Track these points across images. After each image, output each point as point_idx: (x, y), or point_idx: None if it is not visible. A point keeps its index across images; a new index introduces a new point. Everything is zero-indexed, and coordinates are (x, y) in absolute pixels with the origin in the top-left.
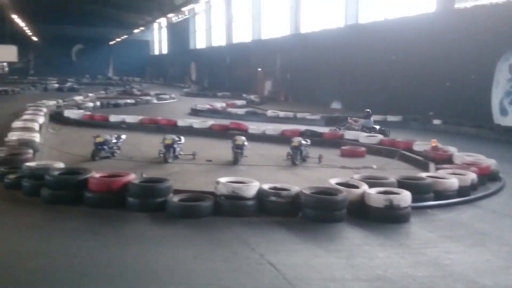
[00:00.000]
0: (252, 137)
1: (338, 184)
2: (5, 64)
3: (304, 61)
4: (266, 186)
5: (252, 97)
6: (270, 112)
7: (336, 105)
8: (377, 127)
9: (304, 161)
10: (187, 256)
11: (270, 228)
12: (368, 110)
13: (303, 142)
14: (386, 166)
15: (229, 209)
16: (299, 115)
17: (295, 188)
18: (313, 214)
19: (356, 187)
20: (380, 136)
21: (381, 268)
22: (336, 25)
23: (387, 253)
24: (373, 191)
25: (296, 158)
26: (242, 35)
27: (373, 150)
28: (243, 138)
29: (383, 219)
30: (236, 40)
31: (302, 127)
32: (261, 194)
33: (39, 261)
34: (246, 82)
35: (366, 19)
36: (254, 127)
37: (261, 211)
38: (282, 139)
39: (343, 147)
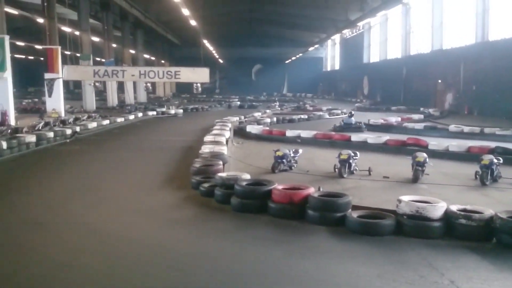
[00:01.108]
0: (433, 154)
1: None
2: (199, 84)
3: (492, 71)
4: (454, 208)
5: (431, 110)
6: (452, 127)
7: None
8: None
9: (495, 181)
10: (370, 274)
11: (460, 252)
12: None
13: (495, 160)
14: None
15: (412, 229)
16: (486, 130)
17: (488, 211)
18: (511, 241)
19: None
20: None
21: None
22: None
23: None
24: None
25: (487, 178)
26: (420, 46)
27: None
28: (424, 154)
29: None
30: (413, 51)
31: (492, 144)
32: (448, 215)
33: (224, 263)
34: (424, 95)
35: None
36: (434, 143)
37: (448, 234)
38: (468, 156)
39: None
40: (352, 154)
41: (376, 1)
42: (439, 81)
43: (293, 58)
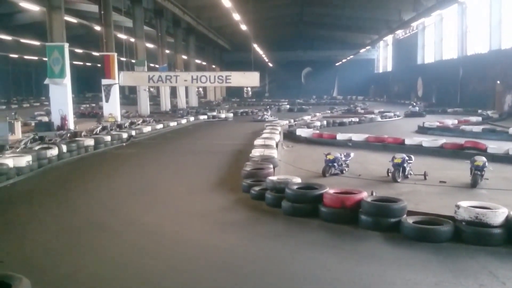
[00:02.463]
0: (493, 158)
1: None
2: (249, 88)
3: None
4: None
5: (489, 112)
6: None
7: None
8: None
9: None
10: (428, 282)
11: None
12: None
13: None
14: None
15: (472, 236)
16: None
17: None
18: None
19: None
20: None
21: None
22: None
23: None
24: None
25: None
26: (477, 46)
27: None
28: (484, 158)
29: None
30: (470, 51)
31: None
32: (510, 222)
33: (275, 266)
34: (481, 97)
35: None
36: (494, 146)
37: (510, 241)
38: None
39: None
40: (407, 158)
41: (431, 1)
42: (498, 82)
43: (344, 60)
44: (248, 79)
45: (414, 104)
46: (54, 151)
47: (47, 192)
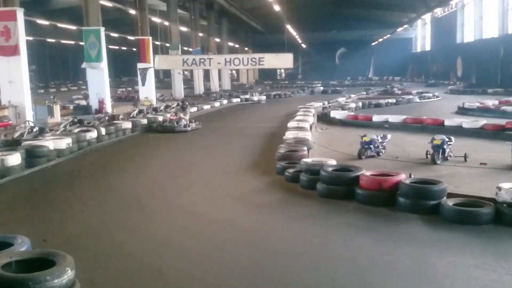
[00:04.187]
0: None
1: None
2: (282, 70)
3: None
4: None
5: None
6: None
7: None
8: None
9: None
10: (468, 264)
11: None
12: None
13: None
14: None
15: None
16: None
17: None
18: None
19: None
20: None
21: None
22: None
23: None
24: None
25: None
26: None
27: None
28: None
29: None
30: (511, 30)
31: None
32: None
33: (311, 247)
34: None
35: None
36: None
37: None
38: None
39: None
40: (446, 139)
41: None
42: None
43: (380, 40)
44: (281, 61)
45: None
46: (93, 134)
47: (87, 173)
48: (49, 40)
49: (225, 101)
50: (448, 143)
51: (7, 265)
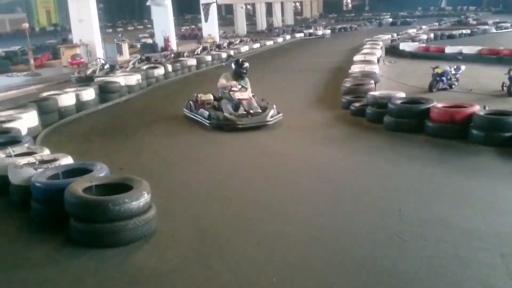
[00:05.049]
0: None
1: None
2: (349, 1)
3: None
4: None
5: None
6: None
7: None
8: None
9: None
10: None
11: None
12: None
13: None
14: None
15: None
16: None
17: None
18: None
19: None
20: None
21: None
22: None
23: None
24: None
25: None
26: None
27: None
28: None
29: None
30: None
31: None
32: None
33: (377, 179)
34: None
35: None
36: None
37: None
38: None
39: None
40: None
41: None
42: None
43: None
44: None
45: None
46: (160, 71)
47: (157, 107)
48: None
49: (288, 37)
50: None
51: (88, 189)
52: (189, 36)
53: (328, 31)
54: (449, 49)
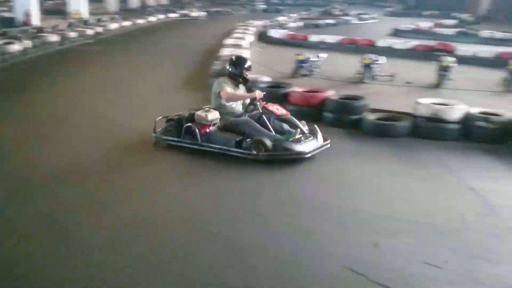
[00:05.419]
0: (461, 59)
1: None
2: None
3: None
4: (474, 110)
5: (465, 16)
6: (484, 33)
7: None
8: None
9: None
10: (381, 171)
11: (474, 154)
12: None
13: None
14: None
15: (428, 131)
16: None
17: (509, 114)
18: None
19: None
20: None
21: None
22: None
23: None
24: None
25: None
26: None
27: None
28: (450, 59)
29: None
30: None
31: None
32: (467, 118)
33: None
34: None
35: None
36: (464, 48)
37: (466, 136)
38: (497, 62)
39: None
40: (375, 59)
41: None
42: None
43: None
44: None
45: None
46: (17, 46)
47: (12, 87)
48: None
49: (161, 16)
50: (377, 62)
51: None
52: (54, 11)
53: (204, 13)
54: (313, 38)
